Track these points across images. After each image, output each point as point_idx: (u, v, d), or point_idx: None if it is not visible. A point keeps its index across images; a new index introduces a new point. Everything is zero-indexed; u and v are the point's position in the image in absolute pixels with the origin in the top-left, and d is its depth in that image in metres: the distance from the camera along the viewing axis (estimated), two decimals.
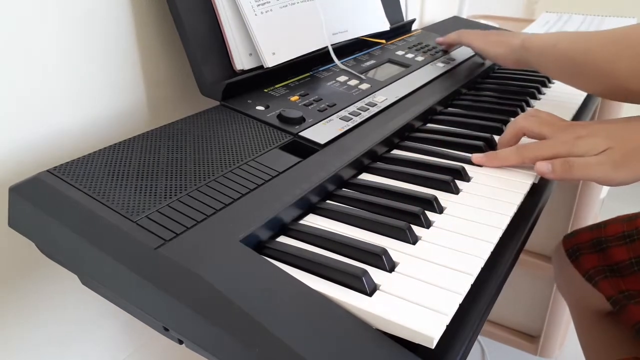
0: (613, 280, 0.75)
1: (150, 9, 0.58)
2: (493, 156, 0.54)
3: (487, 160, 0.54)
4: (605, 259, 0.77)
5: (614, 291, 0.75)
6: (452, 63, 0.81)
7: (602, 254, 0.78)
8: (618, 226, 0.78)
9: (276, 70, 0.63)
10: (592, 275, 0.79)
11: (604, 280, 0.77)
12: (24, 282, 0.53)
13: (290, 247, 0.40)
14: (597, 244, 0.79)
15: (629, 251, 0.75)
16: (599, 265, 0.78)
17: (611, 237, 0.78)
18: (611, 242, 0.77)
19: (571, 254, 0.83)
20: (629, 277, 0.74)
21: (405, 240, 0.41)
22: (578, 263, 0.82)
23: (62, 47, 0.51)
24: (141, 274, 0.35)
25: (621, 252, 0.75)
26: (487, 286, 0.40)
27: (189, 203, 0.41)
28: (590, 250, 0.80)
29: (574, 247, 0.83)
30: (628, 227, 0.76)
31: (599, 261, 0.78)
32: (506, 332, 1.37)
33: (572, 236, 0.85)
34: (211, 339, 0.33)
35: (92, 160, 0.44)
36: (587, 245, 0.81)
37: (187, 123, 0.52)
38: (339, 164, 0.49)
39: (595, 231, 0.81)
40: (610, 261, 0.77)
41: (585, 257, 0.80)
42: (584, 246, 0.81)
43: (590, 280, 0.79)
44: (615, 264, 0.76)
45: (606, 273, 0.77)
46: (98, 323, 0.62)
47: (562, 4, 1.83)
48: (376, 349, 0.32)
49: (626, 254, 0.75)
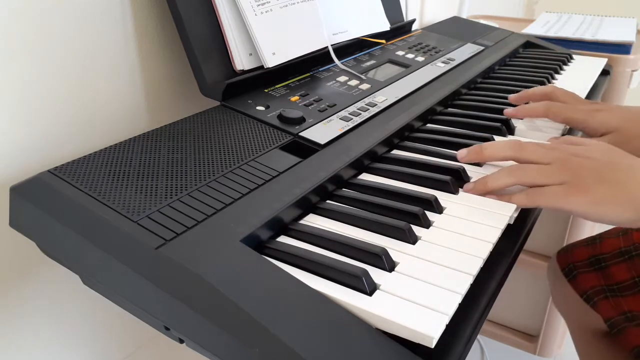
0: (614, 300, 0.72)
1: (150, 9, 0.59)
2: (525, 99, 0.60)
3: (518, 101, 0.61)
4: (605, 278, 0.74)
5: (614, 312, 0.72)
6: (452, 63, 0.81)
7: (601, 272, 0.75)
8: (614, 241, 0.76)
9: (276, 70, 0.63)
10: (590, 295, 0.75)
11: (603, 301, 0.73)
12: (24, 282, 0.53)
13: (290, 247, 0.40)
14: (594, 262, 0.77)
15: (630, 269, 0.72)
16: (599, 285, 0.75)
17: (608, 255, 0.75)
18: (609, 259, 0.75)
19: (567, 273, 0.80)
20: (632, 297, 0.71)
21: (405, 240, 0.41)
22: (575, 282, 0.78)
23: (62, 47, 0.51)
24: (142, 273, 0.35)
25: (622, 271, 0.73)
26: (487, 286, 0.40)
27: (189, 203, 0.41)
28: (587, 268, 0.77)
29: (570, 265, 0.80)
30: (625, 243, 0.74)
31: (599, 280, 0.75)
32: (505, 332, 1.37)
33: (566, 252, 0.82)
34: (212, 339, 0.33)
35: (93, 160, 0.44)
36: (583, 264, 0.78)
37: (187, 123, 0.53)
38: (339, 164, 0.50)
39: (590, 247, 0.78)
40: (611, 281, 0.74)
41: (583, 277, 0.77)
42: (581, 264, 0.78)
43: (589, 300, 0.76)
44: (616, 284, 0.73)
45: (606, 293, 0.73)
46: (99, 322, 0.62)
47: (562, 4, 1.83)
48: (376, 348, 0.32)
49: (627, 272, 0.72)
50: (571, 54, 1.00)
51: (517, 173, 0.48)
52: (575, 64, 0.95)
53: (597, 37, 1.07)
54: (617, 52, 1.03)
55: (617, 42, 1.05)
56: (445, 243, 0.41)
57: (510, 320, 1.38)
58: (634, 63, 1.03)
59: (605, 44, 1.06)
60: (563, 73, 0.89)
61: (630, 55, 1.03)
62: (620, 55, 1.03)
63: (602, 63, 0.96)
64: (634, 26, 1.18)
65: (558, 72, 0.89)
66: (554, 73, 0.87)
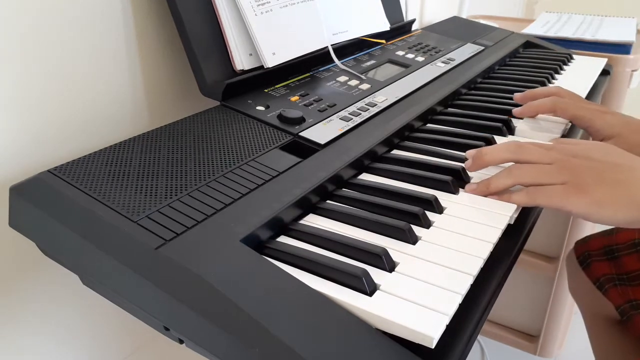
0: (622, 288, 0.75)
1: (150, 9, 0.59)
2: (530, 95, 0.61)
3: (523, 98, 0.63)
4: (616, 267, 0.77)
5: (622, 300, 0.74)
6: (452, 63, 0.81)
7: (613, 262, 0.78)
8: (629, 233, 0.78)
9: (276, 70, 0.63)
10: (602, 283, 0.78)
11: (613, 289, 0.76)
12: (24, 282, 0.53)
13: (290, 247, 0.40)
14: (608, 252, 0.79)
15: (639, 260, 0.74)
16: (610, 273, 0.77)
17: (622, 245, 0.77)
18: (622, 250, 0.77)
19: (582, 261, 0.83)
20: (638, 287, 0.73)
21: (405, 240, 0.41)
22: (589, 270, 0.81)
23: (62, 47, 0.51)
24: (142, 273, 0.35)
25: (632, 261, 0.75)
26: (487, 286, 0.40)
27: (189, 203, 0.41)
28: (601, 257, 0.80)
29: (585, 253, 0.83)
30: (639, 235, 0.76)
31: (610, 269, 0.78)
32: (506, 332, 1.37)
33: (583, 242, 0.85)
34: (211, 339, 0.33)
35: (93, 160, 0.44)
36: (598, 253, 0.81)
37: (187, 123, 0.52)
38: (339, 164, 0.50)
39: (606, 238, 0.80)
40: (621, 270, 0.76)
41: (596, 265, 0.80)
42: (595, 253, 0.81)
43: (601, 288, 0.78)
44: (626, 273, 0.75)
45: (615, 281, 0.76)
46: (98, 323, 0.62)
47: (562, 4, 1.83)
48: (376, 348, 0.32)
49: (637, 263, 0.74)
50: (571, 54, 1.00)
51: (517, 173, 0.48)
52: (575, 64, 0.95)
53: (597, 37, 1.07)
54: (617, 52, 1.03)
55: (617, 42, 1.05)
56: (446, 243, 0.41)
57: (511, 321, 1.38)
58: (634, 63, 1.03)
59: (605, 44, 1.06)
60: (563, 73, 0.89)
61: (630, 55, 1.03)
62: (620, 55, 1.03)
63: (602, 63, 0.96)
64: (634, 26, 1.18)
65: (558, 72, 0.89)
66: (554, 73, 0.87)
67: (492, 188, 0.48)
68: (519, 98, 0.68)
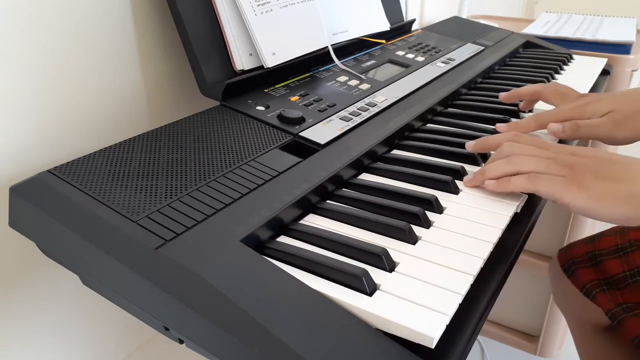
0: (610, 293, 0.75)
1: (150, 9, 0.59)
2: (514, 126, 0.60)
3: (507, 128, 0.60)
4: (600, 272, 0.77)
5: (612, 304, 0.74)
6: (452, 63, 0.81)
7: (597, 267, 0.78)
8: (611, 239, 0.77)
9: (276, 70, 0.63)
10: (589, 289, 0.78)
11: (601, 294, 0.76)
12: (24, 282, 0.53)
13: (290, 247, 0.40)
14: (591, 258, 0.79)
15: (622, 264, 0.74)
16: (595, 279, 0.77)
17: (605, 251, 0.77)
18: (605, 255, 0.77)
19: (567, 269, 0.82)
20: (625, 290, 0.73)
21: (405, 240, 0.41)
22: (575, 277, 0.81)
23: (62, 47, 0.51)
24: (142, 273, 0.35)
25: (615, 265, 0.75)
26: (487, 286, 0.40)
27: (189, 203, 0.41)
28: (585, 264, 0.79)
29: (570, 261, 0.82)
30: (621, 240, 0.76)
31: (596, 275, 0.77)
32: (506, 332, 1.37)
33: (567, 250, 0.84)
34: (211, 339, 0.33)
35: (93, 160, 0.44)
36: (582, 259, 0.80)
37: (187, 123, 0.52)
38: (339, 164, 0.50)
39: (589, 244, 0.80)
40: (606, 275, 0.76)
41: (581, 271, 0.80)
42: (580, 260, 0.80)
43: (588, 294, 0.78)
44: (611, 277, 0.75)
45: (603, 287, 0.76)
46: (98, 323, 0.62)
47: (561, 4, 1.83)
48: (376, 348, 0.32)
49: (620, 267, 0.74)
50: (571, 54, 1.00)
51: (516, 160, 0.48)
52: (575, 64, 0.95)
53: (597, 37, 1.07)
54: (617, 52, 1.03)
55: (617, 42, 1.05)
56: (446, 243, 0.41)
57: (511, 321, 1.38)
58: (634, 63, 1.03)
59: (605, 44, 1.06)
60: (563, 73, 0.89)
61: (630, 55, 1.03)
62: (620, 55, 1.03)
63: (602, 63, 0.96)
64: (634, 26, 1.18)
65: (558, 72, 0.89)
66: (554, 73, 0.87)
67: (488, 176, 0.49)
68: (504, 97, 0.68)
